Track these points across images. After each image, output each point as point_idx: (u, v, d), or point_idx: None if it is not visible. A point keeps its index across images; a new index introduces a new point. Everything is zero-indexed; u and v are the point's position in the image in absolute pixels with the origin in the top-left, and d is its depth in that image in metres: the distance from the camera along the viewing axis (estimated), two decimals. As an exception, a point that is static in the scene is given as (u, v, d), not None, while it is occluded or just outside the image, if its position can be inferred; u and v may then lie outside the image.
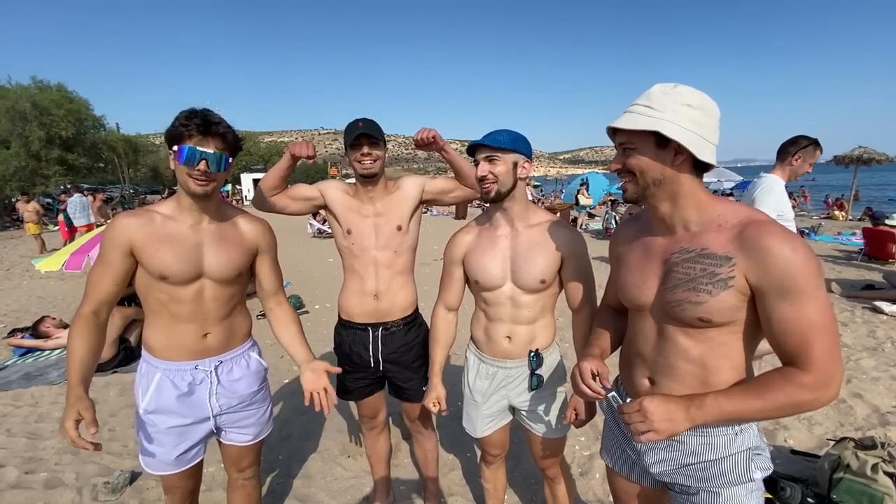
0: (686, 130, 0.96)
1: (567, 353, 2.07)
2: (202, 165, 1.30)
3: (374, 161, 1.72)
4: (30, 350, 4.40)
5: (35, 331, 4.52)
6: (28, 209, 11.16)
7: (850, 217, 14.28)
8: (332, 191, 1.84)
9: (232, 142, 1.36)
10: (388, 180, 1.86)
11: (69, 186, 12.54)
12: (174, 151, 1.31)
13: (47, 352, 4.38)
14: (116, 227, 1.36)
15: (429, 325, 1.87)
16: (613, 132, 1.07)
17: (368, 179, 1.75)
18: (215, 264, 1.44)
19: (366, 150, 1.70)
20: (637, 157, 1.02)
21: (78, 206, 10.68)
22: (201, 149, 1.29)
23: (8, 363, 4.14)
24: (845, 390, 3.32)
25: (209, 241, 1.44)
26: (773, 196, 2.53)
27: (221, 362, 1.53)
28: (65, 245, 8.98)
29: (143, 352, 1.50)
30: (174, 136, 1.31)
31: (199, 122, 1.28)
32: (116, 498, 2.34)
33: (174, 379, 1.46)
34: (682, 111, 0.97)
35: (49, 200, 20.39)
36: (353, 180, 1.87)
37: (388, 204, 1.82)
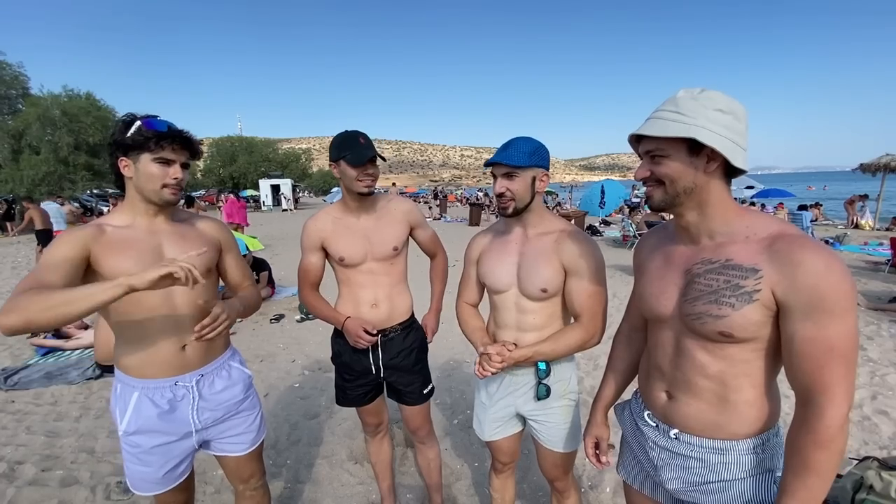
0: (720, 136, 0.93)
1: (579, 358, 2.04)
2: (178, 173, 1.34)
3: (374, 180, 1.70)
4: (51, 350, 4.52)
5: (57, 331, 4.66)
6: (64, 211, 11.57)
7: (878, 226, 13.83)
8: (324, 235, 1.80)
9: (197, 151, 1.40)
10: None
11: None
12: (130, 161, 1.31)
13: (68, 352, 4.50)
14: (65, 240, 1.25)
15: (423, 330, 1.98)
16: (637, 140, 1.02)
17: (365, 196, 1.74)
18: None
19: (371, 169, 1.68)
20: (668, 164, 0.97)
21: (54, 212, 10.97)
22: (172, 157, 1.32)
23: (30, 362, 4.26)
24: (870, 407, 3.19)
25: (168, 241, 1.40)
26: None
27: (202, 375, 1.47)
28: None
29: (118, 371, 1.41)
30: (136, 145, 1.29)
31: (175, 136, 1.31)
32: (128, 498, 2.38)
33: (153, 397, 1.39)
34: (715, 116, 0.93)
35: (76, 203, 21.05)
36: (338, 196, 1.86)
37: (381, 219, 1.80)
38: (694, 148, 0.95)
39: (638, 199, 17.45)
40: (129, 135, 1.28)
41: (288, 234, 14.29)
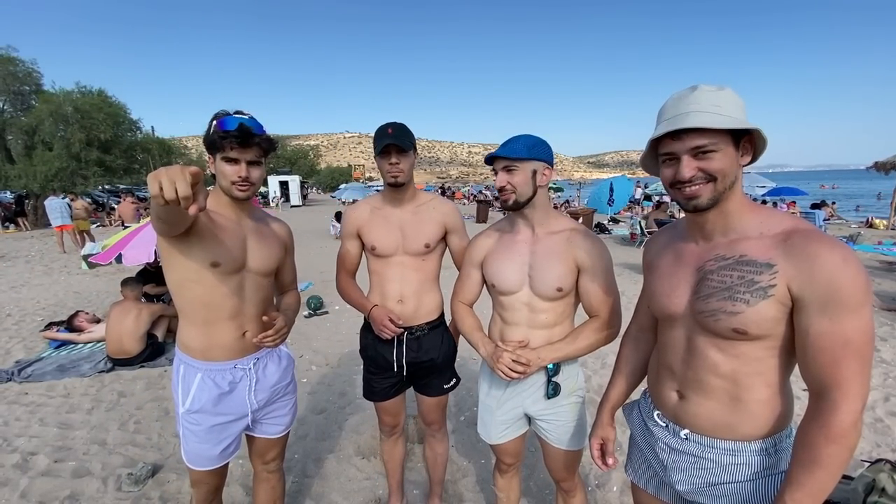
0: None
1: (586, 360, 2.02)
2: (243, 172, 1.39)
3: (402, 171, 1.70)
4: (64, 343, 4.59)
5: (70, 325, 4.73)
6: (76, 206, 11.72)
7: (892, 226, 13.59)
8: (360, 223, 1.84)
9: (267, 148, 1.44)
10: (416, 187, 1.88)
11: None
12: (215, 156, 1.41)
13: (80, 345, 4.57)
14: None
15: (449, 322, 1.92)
16: (672, 137, 0.95)
17: (397, 188, 1.75)
18: (258, 257, 1.53)
19: (394, 159, 1.68)
20: (721, 159, 0.94)
21: (57, 207, 11.05)
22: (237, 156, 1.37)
23: (43, 355, 4.33)
24: (883, 409, 3.15)
25: (251, 235, 1.52)
26: None
27: (258, 359, 1.59)
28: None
29: (181, 354, 1.52)
30: (213, 145, 1.38)
31: (236, 136, 1.34)
32: (139, 489, 2.41)
33: (215, 379, 1.50)
34: (742, 111, 0.95)
35: (88, 199, 21.31)
36: (378, 185, 1.89)
37: (418, 215, 1.81)
38: (736, 142, 0.95)
39: (639, 198, 17.29)
40: (209, 135, 1.38)
41: (295, 231, 14.35)
